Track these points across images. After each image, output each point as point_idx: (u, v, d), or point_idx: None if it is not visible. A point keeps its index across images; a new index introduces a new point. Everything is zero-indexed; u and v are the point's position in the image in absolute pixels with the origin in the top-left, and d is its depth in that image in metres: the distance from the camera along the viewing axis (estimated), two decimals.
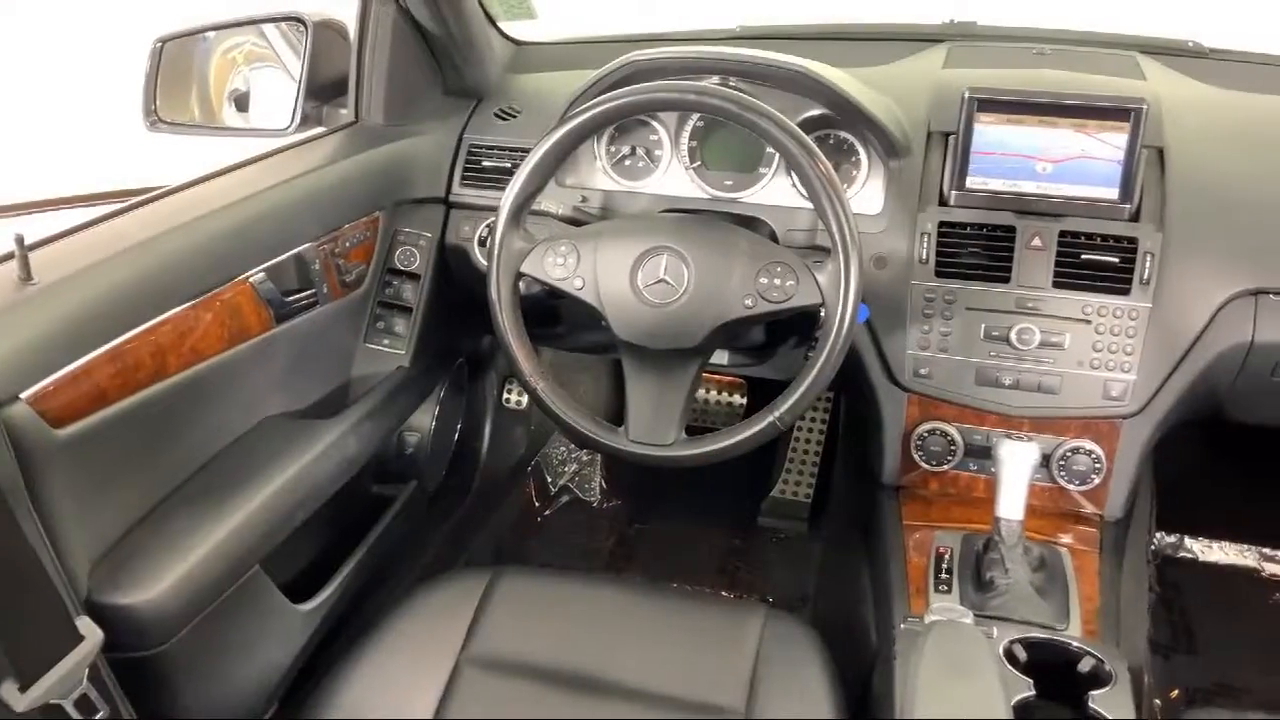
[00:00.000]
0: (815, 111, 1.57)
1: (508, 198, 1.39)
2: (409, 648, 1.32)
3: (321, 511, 1.46)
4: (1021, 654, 1.20)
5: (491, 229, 1.43)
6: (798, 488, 2.40)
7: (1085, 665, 1.19)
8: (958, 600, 1.33)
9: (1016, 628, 1.24)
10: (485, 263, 1.48)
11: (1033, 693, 1.13)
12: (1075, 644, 1.22)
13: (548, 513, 2.42)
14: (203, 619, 1.22)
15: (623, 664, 1.29)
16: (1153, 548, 2.21)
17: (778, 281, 1.33)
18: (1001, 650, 1.19)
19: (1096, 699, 1.13)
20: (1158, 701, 1.80)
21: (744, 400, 2.53)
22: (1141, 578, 1.70)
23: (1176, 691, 1.87)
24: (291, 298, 1.46)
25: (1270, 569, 2.23)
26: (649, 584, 2.07)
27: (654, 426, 1.40)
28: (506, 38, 1.91)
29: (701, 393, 2.51)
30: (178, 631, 1.18)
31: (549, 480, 2.47)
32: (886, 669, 1.24)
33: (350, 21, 1.68)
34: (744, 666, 1.28)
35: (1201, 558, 2.25)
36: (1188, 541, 2.26)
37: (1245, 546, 2.25)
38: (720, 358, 1.77)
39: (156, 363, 1.21)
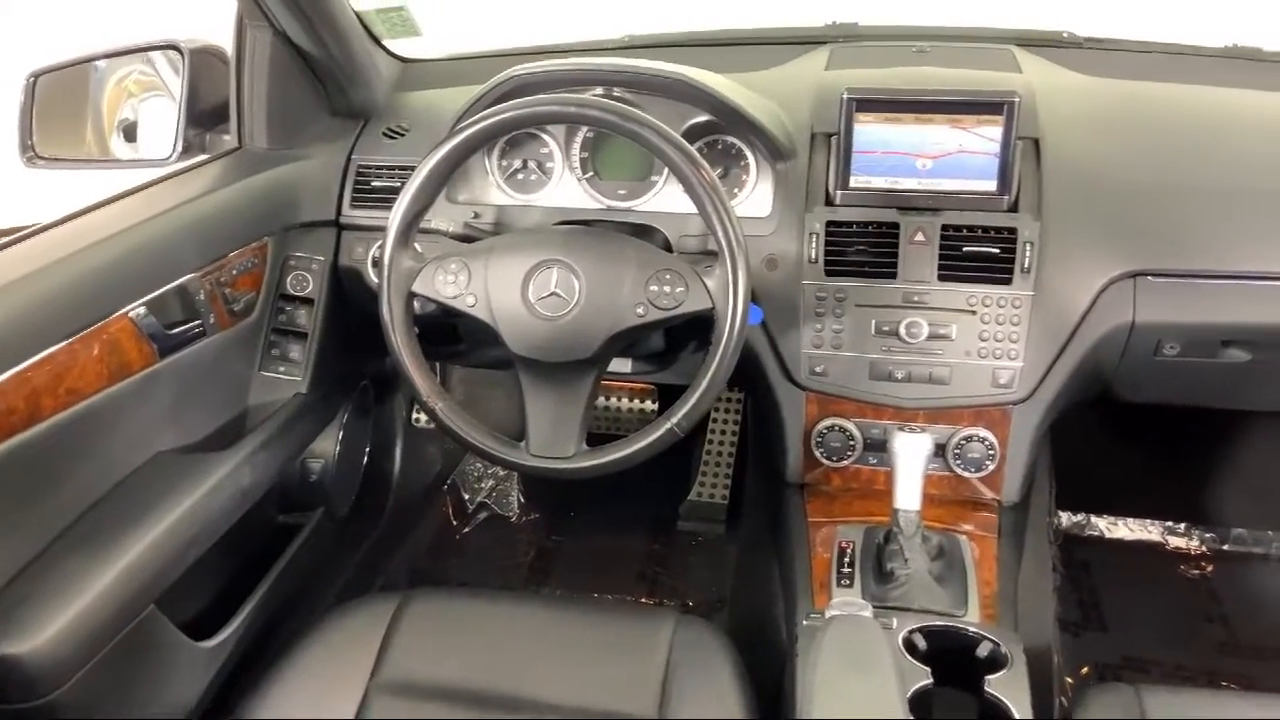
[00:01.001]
0: (701, 118, 1.58)
1: (394, 217, 1.38)
2: (316, 678, 1.30)
3: (221, 545, 1.43)
4: (921, 643, 1.22)
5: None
6: (714, 490, 2.42)
7: (983, 650, 1.21)
8: (859, 593, 1.34)
9: (916, 617, 1.26)
10: None
11: (930, 681, 1.15)
12: (973, 630, 1.24)
13: (466, 530, 2.40)
14: (96, 664, 1.19)
15: (534, 680, 1.29)
16: (1056, 528, 2.26)
17: (667, 289, 1.34)
18: (901, 640, 1.21)
19: (992, 683, 1.15)
20: (1069, 679, 1.84)
21: (655, 406, 2.54)
22: (1044, 559, 1.74)
23: (1086, 668, 1.92)
24: (176, 330, 1.42)
25: (1174, 542, 2.30)
26: (560, 598, 2.07)
27: (554, 439, 1.40)
28: (393, 56, 1.90)
29: (613, 400, 2.51)
30: (68, 679, 1.15)
31: (466, 498, 2.45)
32: (792, 667, 1.25)
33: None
34: (655, 673, 1.28)
35: (1108, 535, 2.31)
36: (1093, 520, 2.32)
37: (1149, 521, 2.32)
38: (623, 366, 1.77)
39: (30, 406, 1.17)
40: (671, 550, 2.34)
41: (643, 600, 2.17)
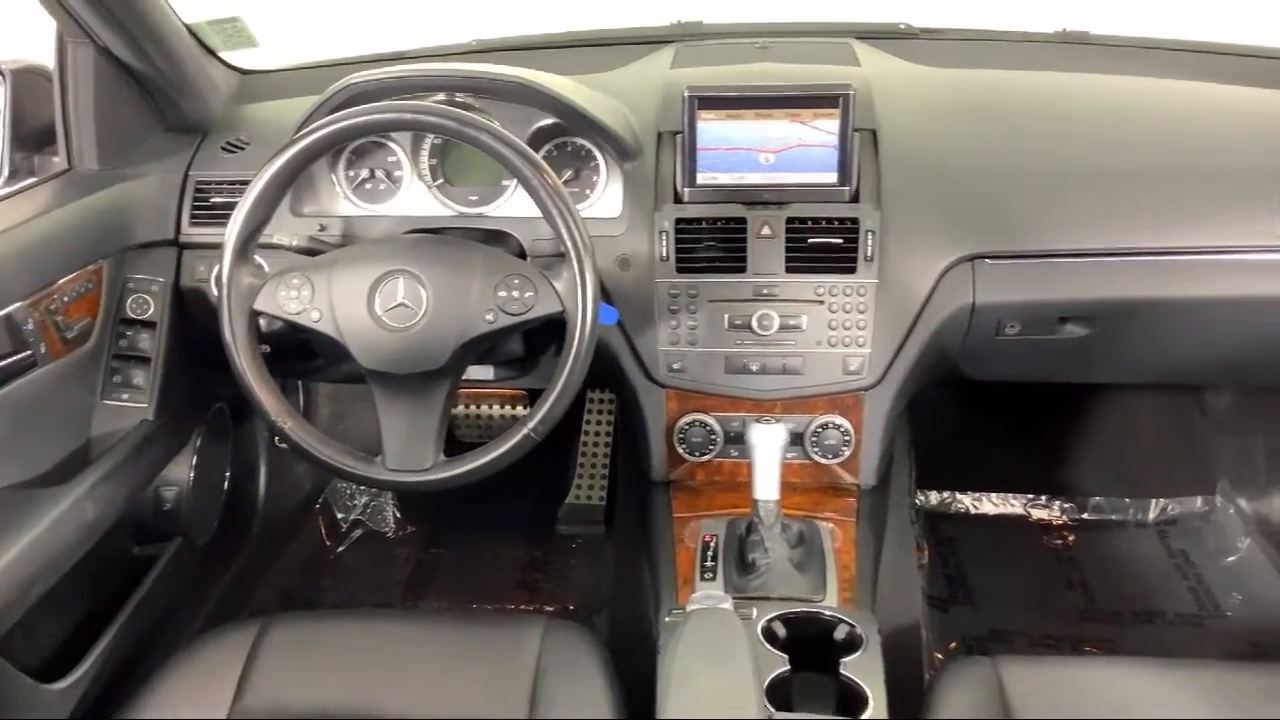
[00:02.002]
0: (547, 121, 1.58)
1: (230, 233, 1.34)
2: (174, 712, 1.25)
3: (70, 581, 1.37)
4: (780, 630, 1.23)
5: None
6: (591, 491, 2.42)
7: (840, 633, 1.24)
8: (722, 586, 1.36)
9: (776, 605, 1.28)
10: None
11: (787, 668, 1.16)
12: (829, 614, 1.26)
13: (340, 550, 2.35)
14: None
15: (401, 696, 1.27)
16: (920, 508, 2.32)
17: (516, 294, 1.33)
18: (760, 630, 1.22)
19: (848, 665, 1.18)
20: (939, 655, 1.89)
21: (527, 411, 2.52)
22: (907, 538, 1.78)
23: (954, 643, 1.97)
24: (3, 363, 1.36)
25: (1036, 514, 2.38)
26: (429, 611, 2.04)
27: (410, 452, 1.38)
28: (229, 67, 1.85)
29: (483, 408, 2.49)
30: None
31: (339, 516, 2.40)
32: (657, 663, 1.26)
33: None
34: (524, 679, 1.28)
35: (973, 511, 2.39)
36: (958, 497, 2.38)
37: (1011, 496, 2.40)
38: (485, 373, 1.76)
39: None
40: (551, 555, 2.33)
41: (523, 607, 2.16)
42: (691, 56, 1.82)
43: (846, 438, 1.56)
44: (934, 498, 2.39)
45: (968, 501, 2.39)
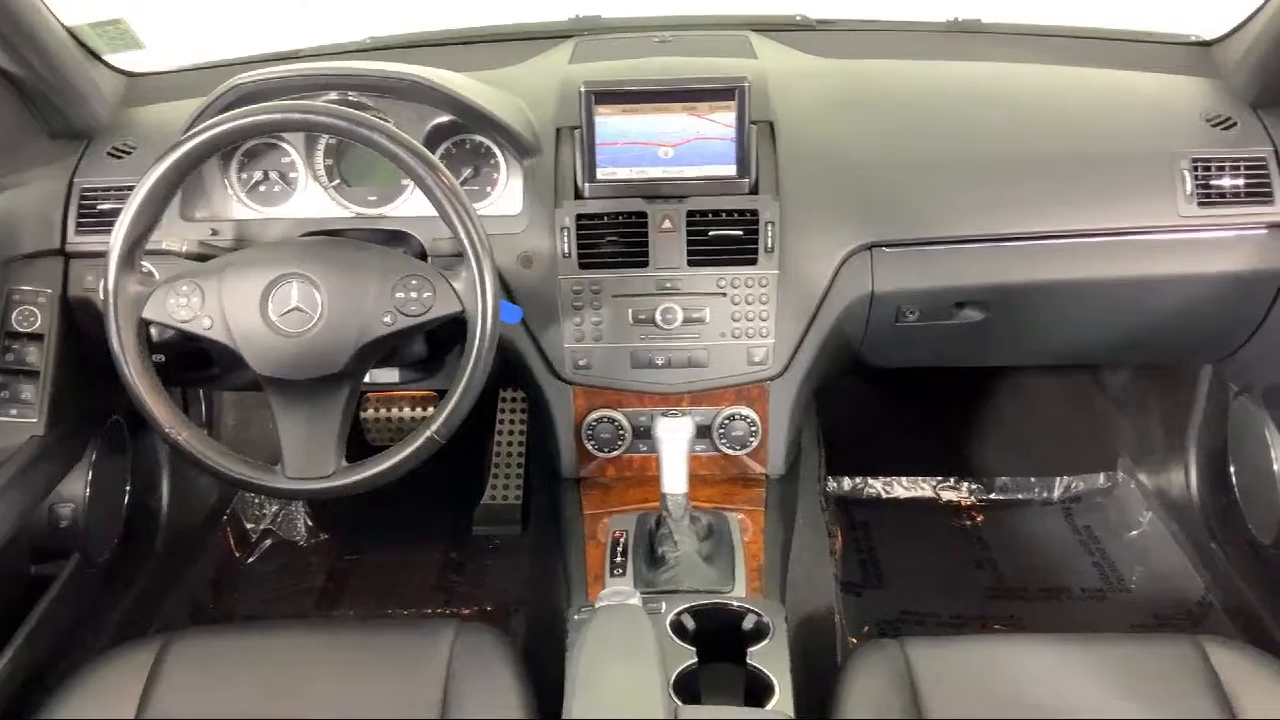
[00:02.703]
0: (444, 119, 1.56)
1: (115, 241, 1.30)
2: None
3: None
4: (689, 623, 1.24)
5: None
6: (507, 491, 2.40)
7: (748, 623, 1.25)
8: (631, 581, 1.36)
9: (684, 598, 1.28)
10: None
11: (695, 661, 1.17)
12: (737, 604, 1.27)
13: (250, 561, 2.30)
14: None
15: (309, 707, 1.25)
16: (832, 494, 2.35)
17: (414, 295, 1.31)
18: (669, 623, 1.23)
19: (754, 654, 1.18)
20: (853, 639, 1.91)
21: None
22: (818, 525, 1.80)
23: (868, 627, 2.00)
24: None
25: (946, 496, 2.42)
26: (338, 620, 2.01)
27: (310, 459, 1.35)
28: (116, 70, 1.79)
29: (394, 410, 2.46)
30: None
31: (248, 526, 2.35)
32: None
33: None
34: (435, 684, 1.27)
35: (885, 495, 2.42)
36: (870, 482, 2.42)
37: (921, 479, 2.43)
38: (390, 375, 1.73)
39: None
40: (468, 557, 2.31)
41: (439, 611, 2.13)
42: (590, 51, 1.81)
43: (753, 428, 1.57)
44: (846, 484, 2.42)
45: (879, 486, 2.42)
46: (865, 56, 1.84)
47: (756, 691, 1.16)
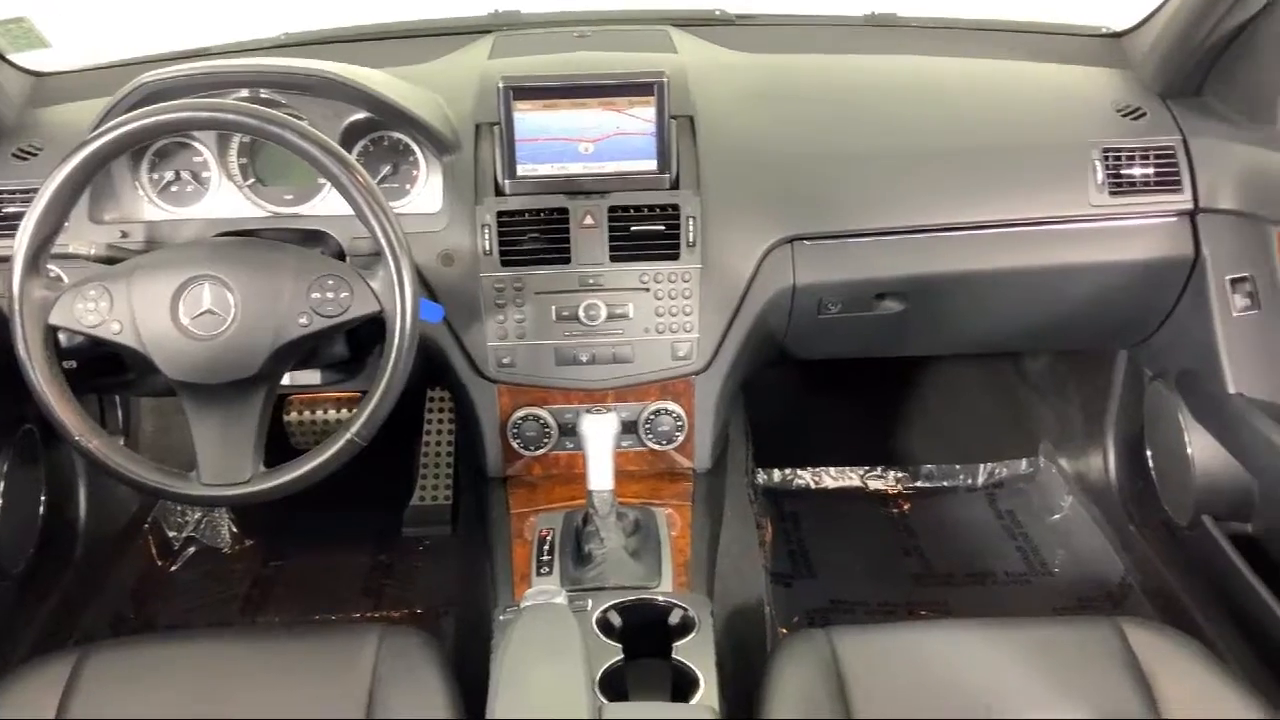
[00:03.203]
0: (360, 116, 1.53)
1: (19, 244, 1.26)
2: None
3: None
4: (616, 620, 1.24)
5: None
6: (436, 492, 2.38)
7: (674, 618, 1.25)
8: (558, 579, 1.35)
9: (611, 595, 1.28)
10: None
11: (621, 658, 1.16)
12: (663, 599, 1.27)
13: (173, 569, 2.25)
14: None
15: (233, 714, 1.22)
16: (761, 486, 2.37)
17: (331, 295, 1.29)
18: (595, 620, 1.22)
19: (680, 648, 1.18)
20: (783, 630, 1.93)
21: None
22: (747, 518, 1.81)
23: (797, 617, 2.01)
24: None
25: (874, 485, 2.45)
26: (263, 627, 1.97)
27: (227, 465, 1.32)
28: (20, 70, 1.74)
29: (318, 413, 2.42)
30: None
31: (170, 535, 2.30)
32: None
33: None
34: (360, 688, 1.25)
35: (814, 486, 2.44)
36: (799, 473, 2.43)
37: (850, 469, 2.46)
38: (311, 377, 1.70)
39: None
40: (397, 559, 2.29)
41: (368, 615, 2.11)
42: (509, 46, 1.80)
43: (679, 423, 1.58)
44: (776, 475, 2.44)
45: (808, 477, 2.44)
46: (784, 51, 1.85)
47: (683, 686, 1.16)
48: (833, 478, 2.45)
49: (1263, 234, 1.54)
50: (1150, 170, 1.60)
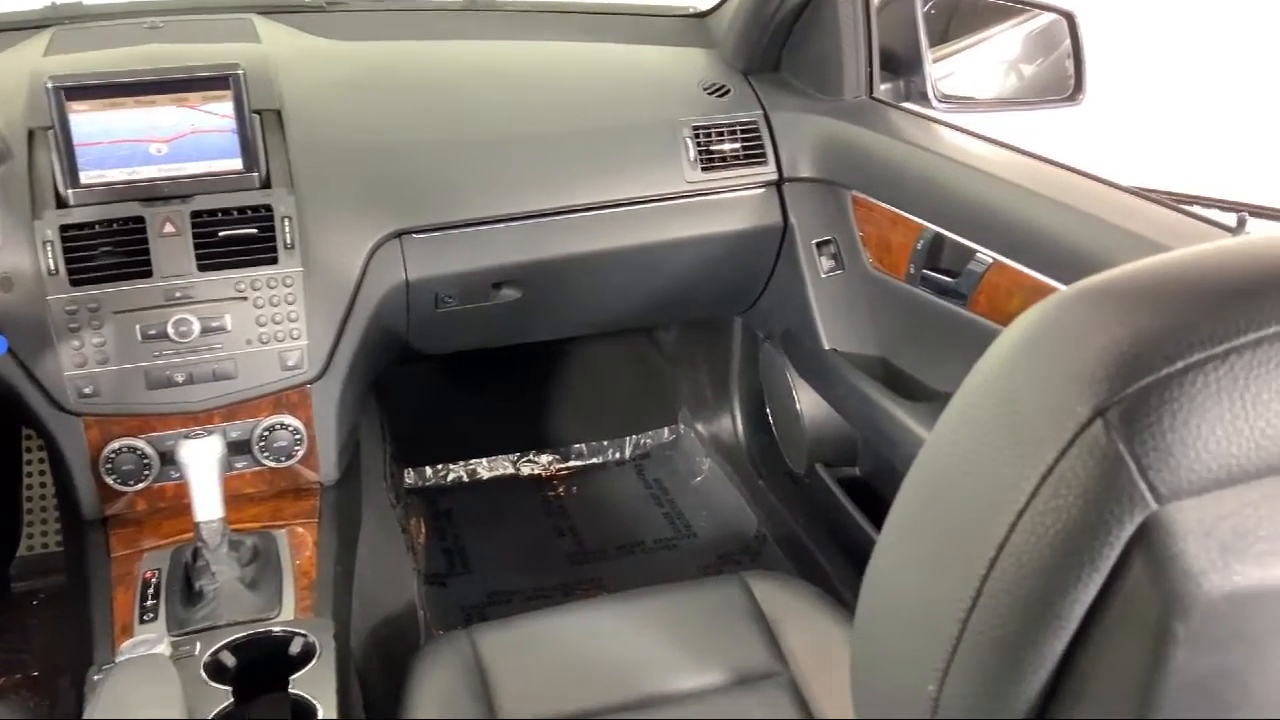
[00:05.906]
0: None
1: None
2: None
3: None
4: (229, 660, 1.14)
5: None
6: (45, 538, 2.14)
7: (295, 647, 1.17)
8: (165, 624, 1.23)
9: (224, 633, 1.18)
10: None
11: (231, 702, 1.08)
12: (280, 629, 1.19)
13: None
14: None
15: None
16: (409, 487, 2.31)
17: None
18: (204, 665, 1.12)
19: (297, 680, 1.11)
20: (440, 632, 1.88)
21: None
22: (390, 524, 1.75)
23: (453, 616, 1.98)
24: None
25: (526, 470, 2.45)
26: None
27: None
28: None
29: None
30: None
31: None
32: None
33: None
34: None
35: (467, 479, 2.41)
36: (451, 468, 2.39)
37: (502, 457, 2.45)
38: None
39: None
40: (8, 617, 2.03)
41: None
42: (69, 42, 1.62)
43: (298, 436, 1.48)
44: (428, 473, 2.38)
45: (461, 470, 2.41)
46: (379, 38, 1.79)
47: (302, 718, 1.09)
48: (486, 468, 2.43)
49: (839, 199, 1.67)
50: (738, 145, 1.68)
